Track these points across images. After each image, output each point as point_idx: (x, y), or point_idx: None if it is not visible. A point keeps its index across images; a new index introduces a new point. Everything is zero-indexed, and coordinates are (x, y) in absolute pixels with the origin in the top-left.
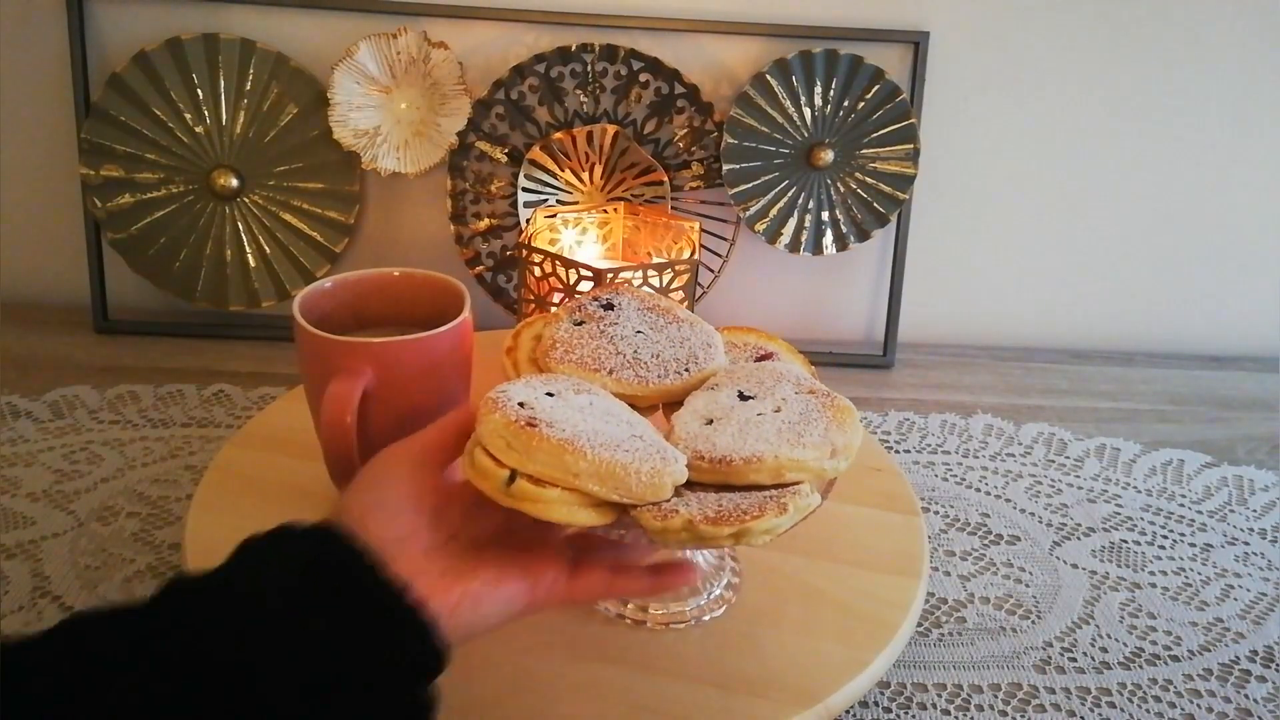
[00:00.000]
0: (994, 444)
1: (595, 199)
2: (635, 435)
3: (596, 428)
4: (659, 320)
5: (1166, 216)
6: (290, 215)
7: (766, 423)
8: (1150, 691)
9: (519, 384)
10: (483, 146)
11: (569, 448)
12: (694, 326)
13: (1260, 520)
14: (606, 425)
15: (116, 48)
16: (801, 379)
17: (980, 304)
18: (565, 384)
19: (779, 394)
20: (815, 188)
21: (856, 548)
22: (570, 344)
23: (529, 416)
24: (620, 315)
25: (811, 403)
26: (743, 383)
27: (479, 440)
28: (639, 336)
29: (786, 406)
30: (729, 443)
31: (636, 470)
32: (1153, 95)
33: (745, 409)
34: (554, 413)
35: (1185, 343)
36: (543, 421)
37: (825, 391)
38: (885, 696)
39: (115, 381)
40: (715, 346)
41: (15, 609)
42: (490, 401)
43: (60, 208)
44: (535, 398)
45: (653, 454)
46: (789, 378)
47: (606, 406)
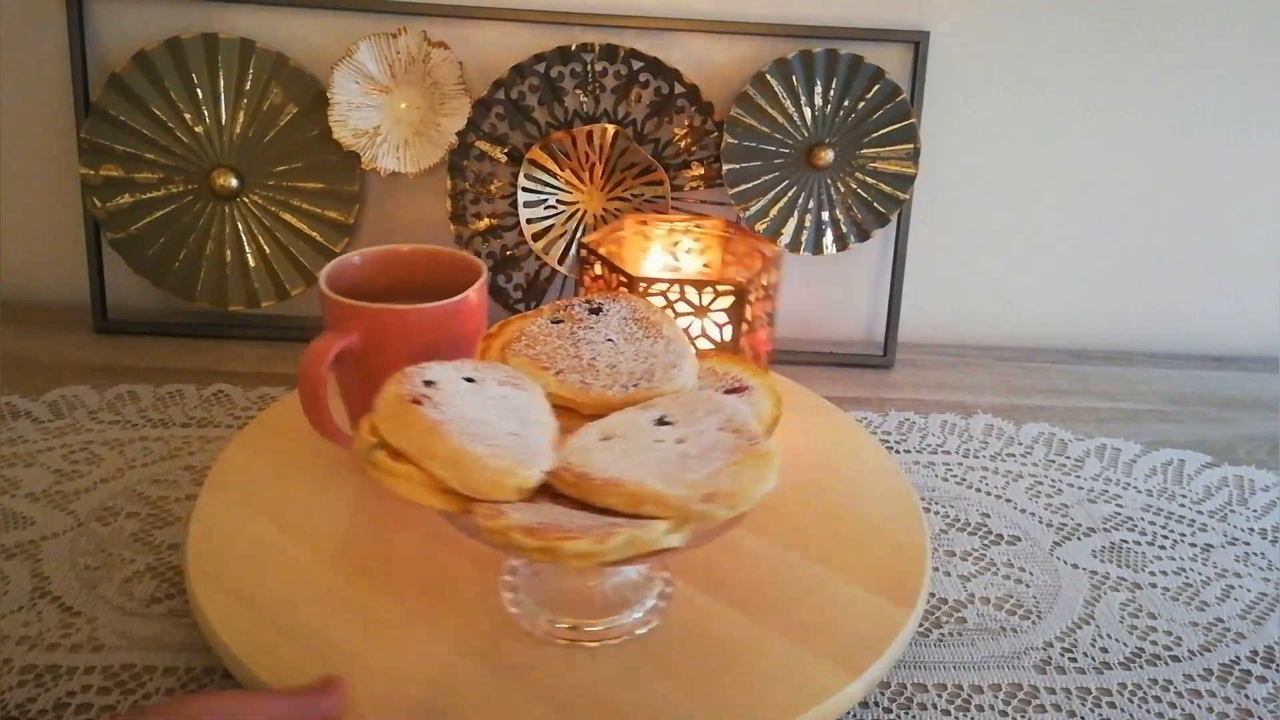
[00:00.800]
0: (994, 444)
1: (596, 199)
2: (514, 434)
3: (484, 418)
4: (638, 332)
5: (1167, 216)
6: (290, 215)
7: (659, 451)
8: (1150, 692)
9: (447, 365)
10: (483, 146)
11: (434, 430)
12: (670, 345)
13: (1261, 520)
14: (499, 419)
15: (116, 47)
16: (738, 417)
17: (980, 304)
18: (495, 374)
19: (698, 426)
20: (815, 187)
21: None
22: (535, 339)
23: (419, 394)
24: (601, 321)
25: (725, 441)
26: (673, 408)
27: (373, 406)
28: (607, 344)
29: (694, 440)
30: (603, 461)
31: (485, 466)
32: (1153, 95)
33: (648, 434)
34: (453, 396)
35: (1186, 343)
36: (429, 401)
37: (752, 436)
38: (885, 697)
39: (115, 381)
40: (680, 369)
41: (15, 609)
42: (400, 373)
43: (60, 207)
44: (449, 379)
45: (515, 454)
46: (725, 413)
47: (520, 403)
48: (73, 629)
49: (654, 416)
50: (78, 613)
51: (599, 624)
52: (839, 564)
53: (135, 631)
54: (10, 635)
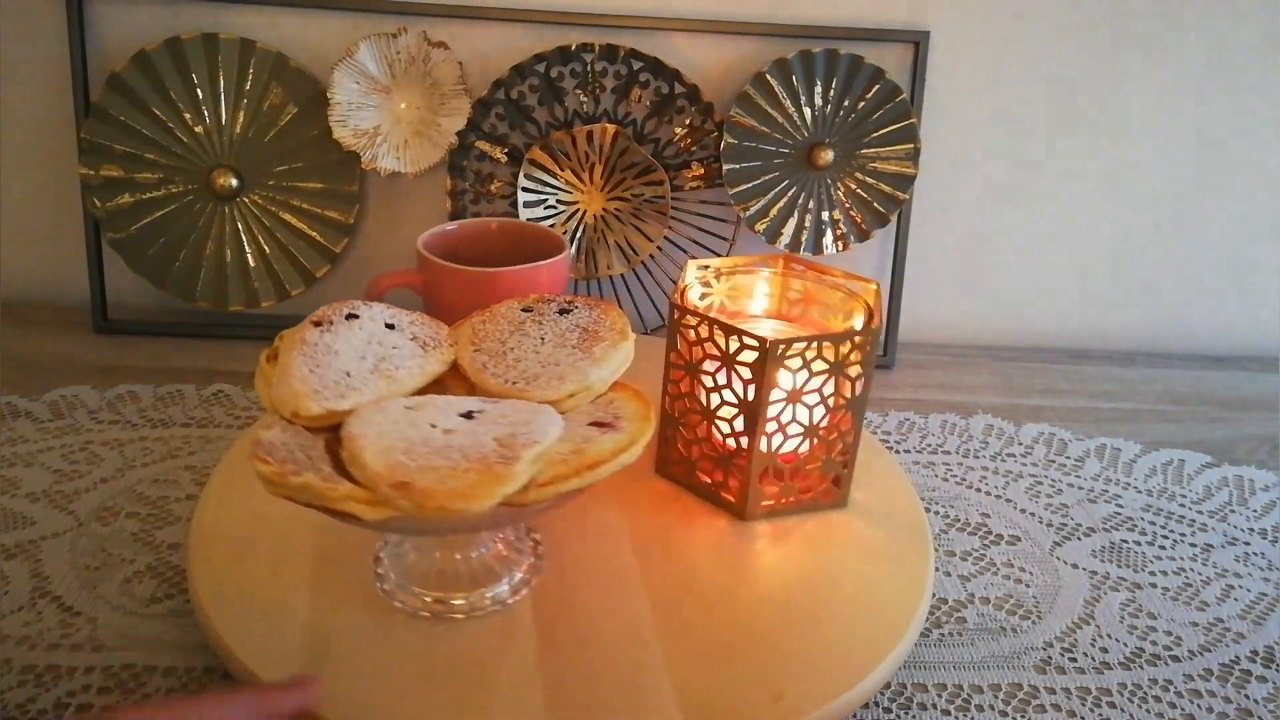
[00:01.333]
0: (994, 444)
1: (595, 199)
2: (347, 373)
3: (340, 351)
4: (573, 340)
5: (1167, 216)
6: (290, 215)
7: (424, 433)
8: (1150, 692)
9: (386, 308)
10: (482, 146)
11: (294, 345)
12: (585, 361)
13: (1261, 520)
14: (355, 359)
15: (116, 47)
16: (520, 435)
17: (980, 304)
18: (414, 329)
19: (481, 430)
20: (815, 187)
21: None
22: (494, 316)
23: (327, 318)
24: (559, 322)
25: (481, 448)
26: (496, 409)
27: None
28: (537, 342)
29: (460, 437)
30: (375, 421)
31: (287, 382)
32: (1153, 94)
33: (442, 418)
34: (346, 329)
35: (1186, 342)
36: (329, 327)
37: (510, 454)
38: (885, 697)
39: (115, 381)
40: (565, 383)
41: (15, 609)
42: (342, 301)
43: (60, 207)
44: (371, 316)
45: (316, 386)
46: (515, 428)
47: (389, 354)
48: (73, 629)
49: (469, 408)
50: (78, 613)
51: (465, 597)
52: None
53: (135, 631)
54: (10, 635)
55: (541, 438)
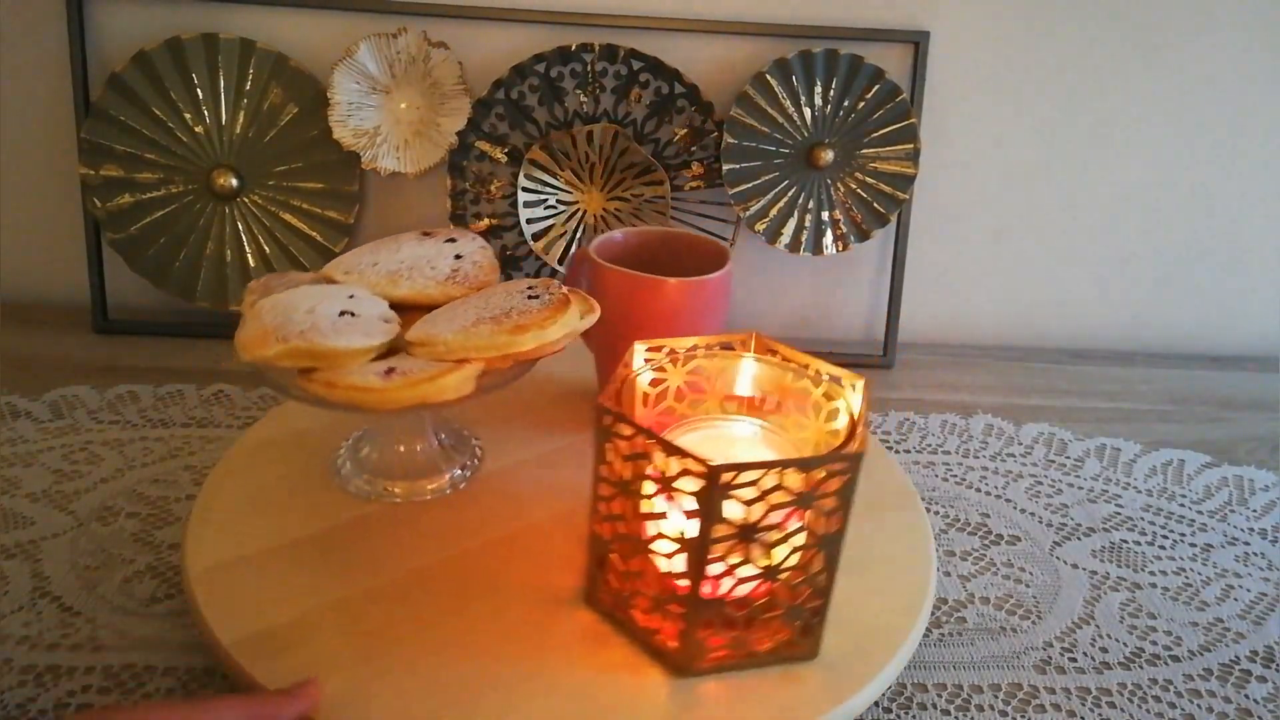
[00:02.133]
0: (994, 444)
1: (595, 199)
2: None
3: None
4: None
5: (1166, 216)
6: (290, 215)
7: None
8: (1150, 692)
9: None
10: (482, 146)
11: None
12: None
13: (1260, 520)
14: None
15: (116, 47)
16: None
17: (980, 304)
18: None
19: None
20: (815, 187)
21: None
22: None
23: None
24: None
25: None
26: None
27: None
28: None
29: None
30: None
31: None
32: (1153, 95)
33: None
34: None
35: (1185, 343)
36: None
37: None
38: (885, 697)
39: (115, 381)
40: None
41: (15, 609)
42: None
43: (60, 208)
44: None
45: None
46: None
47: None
48: (73, 629)
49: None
50: (78, 613)
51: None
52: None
53: (135, 631)
54: (10, 635)
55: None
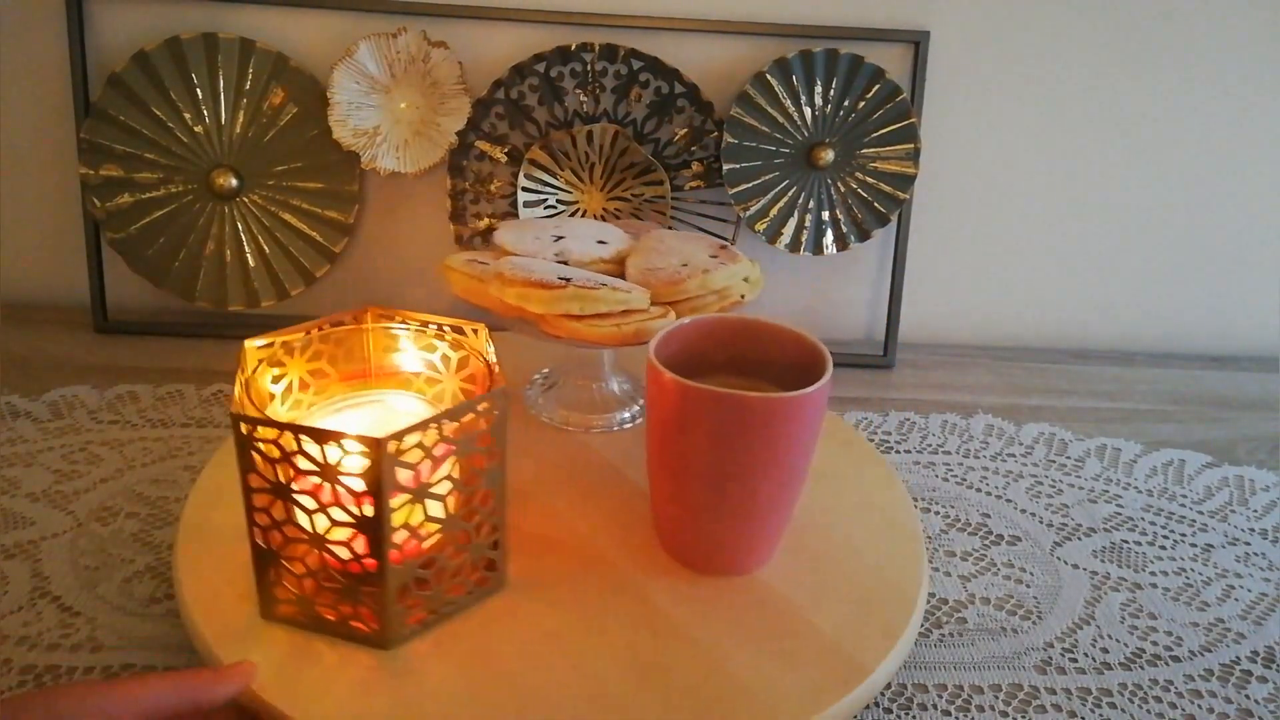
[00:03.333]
0: (995, 444)
1: (595, 199)
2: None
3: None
4: (525, 261)
5: (1167, 216)
6: (290, 215)
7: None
8: (1151, 692)
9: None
10: (482, 146)
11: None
12: (517, 256)
13: (1261, 520)
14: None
15: (116, 47)
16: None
17: (981, 304)
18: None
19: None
20: (815, 187)
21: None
22: (611, 282)
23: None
24: (542, 266)
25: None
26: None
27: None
28: (566, 270)
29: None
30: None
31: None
32: (1153, 94)
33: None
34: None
35: (1186, 343)
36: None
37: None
38: (885, 697)
39: (114, 381)
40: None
41: (14, 609)
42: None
43: (60, 208)
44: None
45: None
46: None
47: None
48: (72, 629)
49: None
50: (77, 613)
51: (598, 419)
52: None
53: (134, 632)
54: (10, 635)
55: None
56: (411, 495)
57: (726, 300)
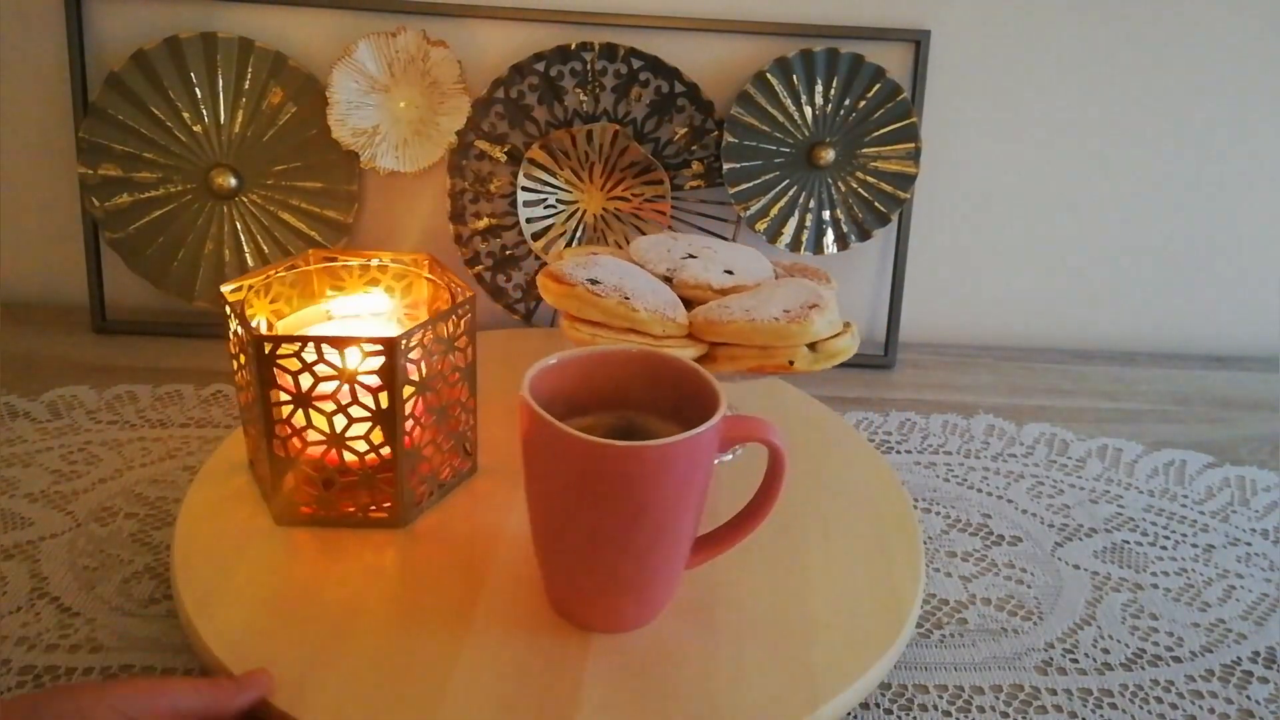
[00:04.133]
0: (995, 444)
1: (595, 198)
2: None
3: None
4: (610, 268)
5: (1167, 216)
6: (289, 214)
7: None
8: (1152, 693)
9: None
10: (482, 145)
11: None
12: (605, 260)
13: (1262, 521)
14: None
15: (114, 47)
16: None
17: (981, 304)
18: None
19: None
20: (816, 187)
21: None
22: (659, 307)
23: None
24: (610, 281)
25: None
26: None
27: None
28: (628, 282)
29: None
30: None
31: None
32: (1153, 95)
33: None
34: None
35: (1187, 343)
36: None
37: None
38: (886, 698)
39: (113, 382)
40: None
41: (14, 609)
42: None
43: (58, 207)
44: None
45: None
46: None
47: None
48: (71, 629)
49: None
50: (76, 613)
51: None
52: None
53: (133, 632)
54: (9, 635)
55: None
56: (415, 387)
57: (770, 360)
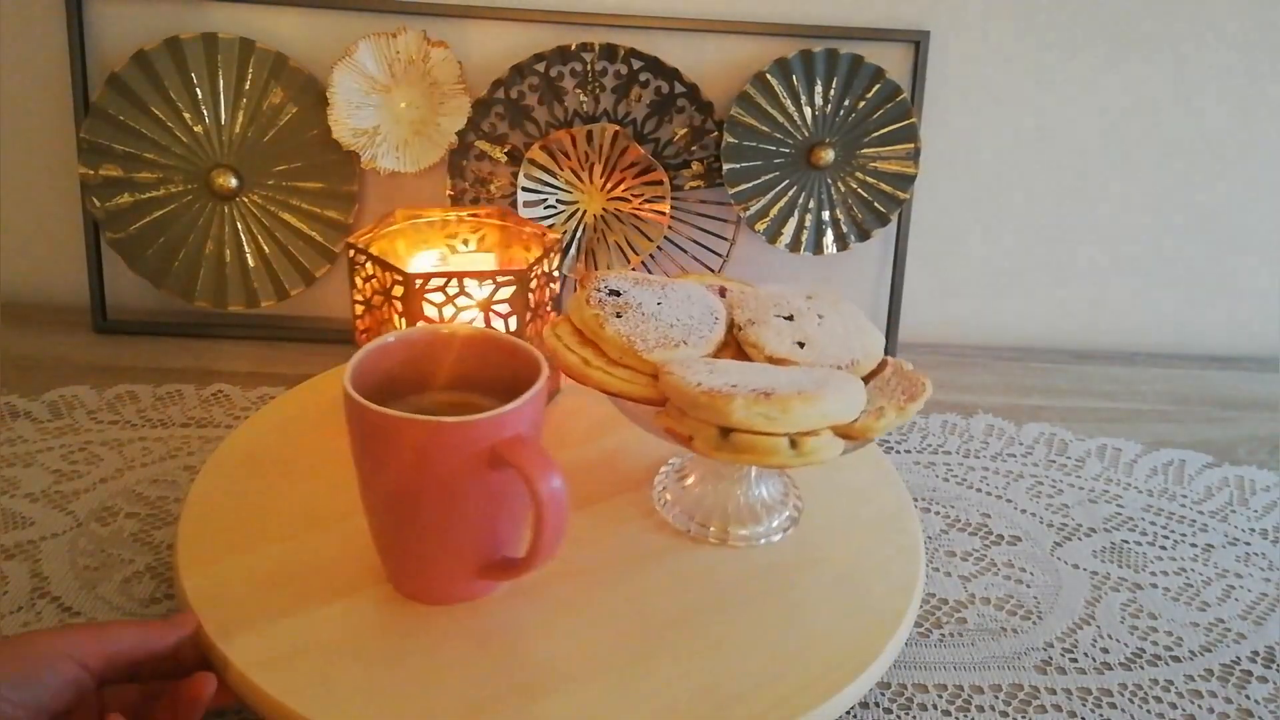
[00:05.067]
0: (995, 444)
1: (596, 198)
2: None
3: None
4: (657, 290)
5: (1167, 216)
6: (289, 215)
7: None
8: (1151, 692)
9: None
10: (482, 146)
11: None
12: (679, 285)
13: (1261, 520)
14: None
15: (115, 47)
16: (787, 296)
17: (980, 304)
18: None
19: (798, 308)
20: (816, 187)
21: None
22: (642, 335)
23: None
24: (633, 297)
25: (830, 309)
26: (779, 307)
27: (732, 417)
28: (661, 307)
29: (825, 318)
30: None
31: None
32: (1153, 95)
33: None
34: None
35: (1187, 343)
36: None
37: (812, 297)
38: (885, 697)
39: (114, 382)
40: (716, 299)
41: (14, 609)
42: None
43: (59, 207)
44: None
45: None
46: (786, 297)
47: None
48: None
49: (781, 321)
50: (77, 613)
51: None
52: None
53: None
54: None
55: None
56: (531, 312)
57: (678, 427)
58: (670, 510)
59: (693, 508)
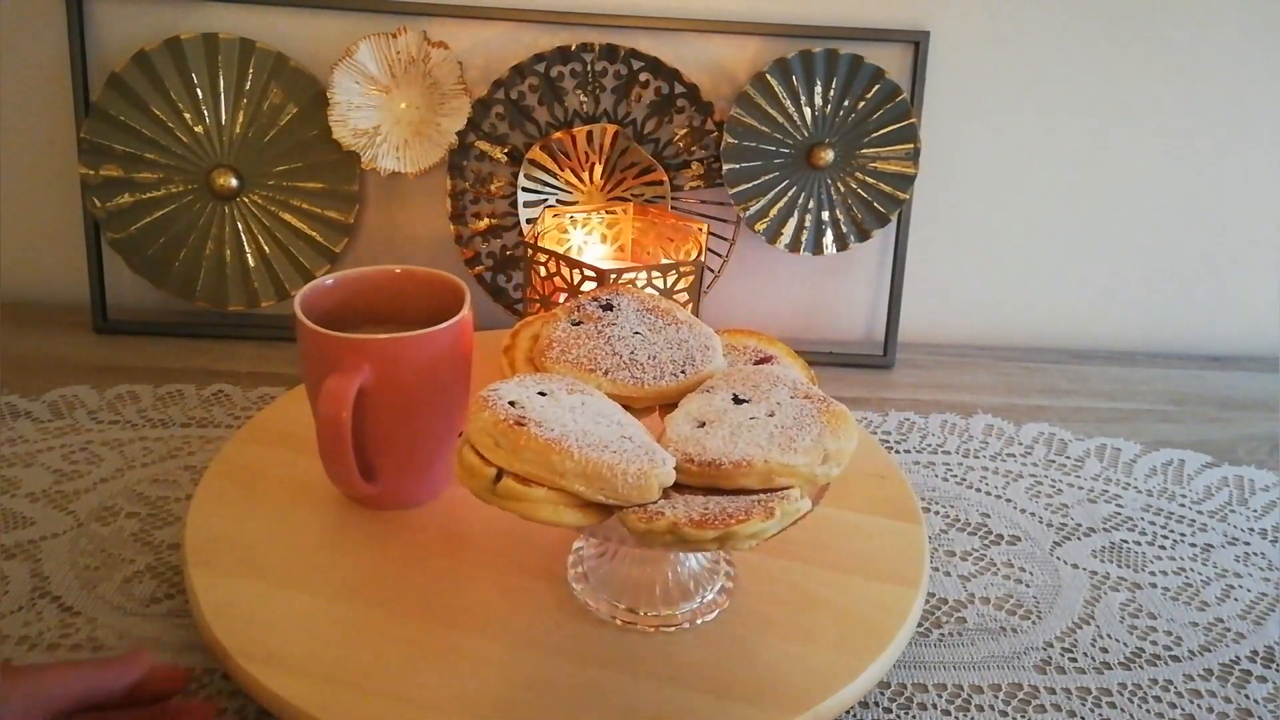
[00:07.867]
0: (994, 444)
1: (596, 199)
2: (625, 436)
3: (586, 428)
4: (658, 322)
5: (1167, 216)
6: (290, 215)
7: (759, 427)
8: (1151, 692)
9: (511, 383)
10: (482, 146)
11: (556, 447)
12: (693, 329)
13: (1261, 520)
14: (596, 426)
15: (116, 47)
16: (798, 384)
17: (980, 304)
18: (559, 384)
19: (774, 398)
20: (815, 187)
21: (855, 553)
22: (567, 344)
23: (518, 416)
24: (619, 316)
25: (807, 408)
26: (738, 386)
27: (468, 439)
28: (636, 338)
29: (780, 411)
30: (719, 446)
31: (623, 471)
32: (1153, 94)
33: (739, 412)
34: (544, 412)
35: (1186, 342)
36: (531, 420)
37: (821, 397)
38: (885, 697)
39: (114, 382)
40: (713, 349)
41: (15, 609)
42: (481, 400)
43: (59, 207)
44: (527, 396)
45: (640, 455)
46: (785, 382)
47: (599, 407)
48: (72, 629)
49: (728, 396)
50: (77, 613)
51: (656, 612)
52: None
53: (135, 632)
54: (10, 635)
55: (802, 381)
56: (695, 301)
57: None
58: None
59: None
